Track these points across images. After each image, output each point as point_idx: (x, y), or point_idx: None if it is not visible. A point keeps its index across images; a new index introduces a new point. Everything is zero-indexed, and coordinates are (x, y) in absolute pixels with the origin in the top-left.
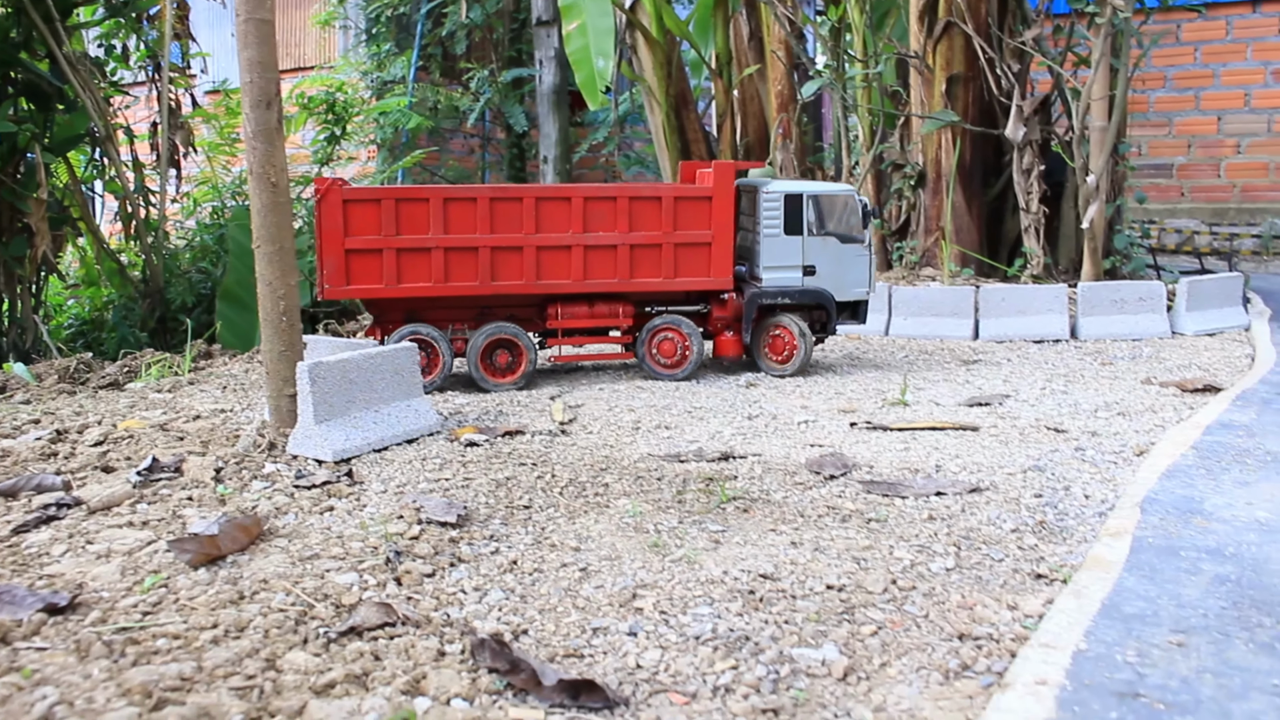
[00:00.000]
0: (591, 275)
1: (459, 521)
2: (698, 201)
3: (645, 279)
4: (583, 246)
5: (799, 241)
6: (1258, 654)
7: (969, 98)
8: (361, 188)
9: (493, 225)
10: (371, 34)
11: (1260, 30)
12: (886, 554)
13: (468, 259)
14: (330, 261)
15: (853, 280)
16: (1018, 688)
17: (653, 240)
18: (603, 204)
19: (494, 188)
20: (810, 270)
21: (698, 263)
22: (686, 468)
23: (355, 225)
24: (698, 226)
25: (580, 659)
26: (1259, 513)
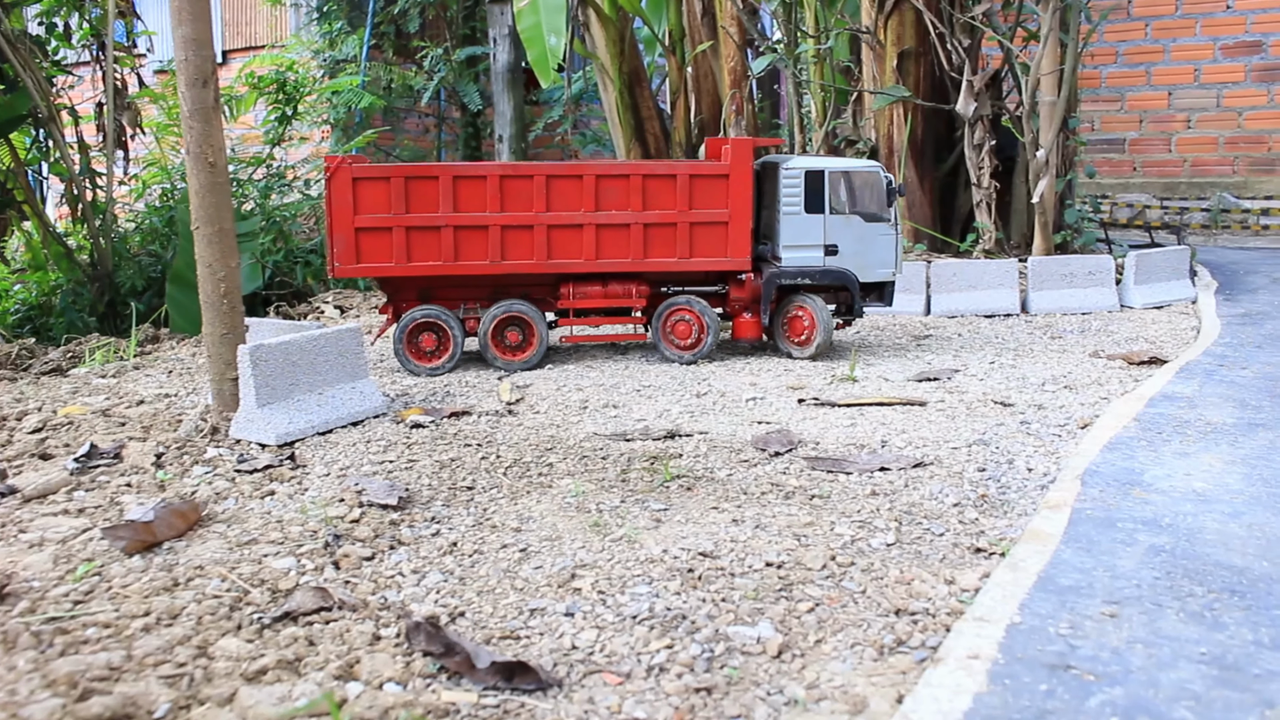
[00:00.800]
0: (604, 255)
1: (400, 504)
2: (714, 179)
3: (659, 259)
4: (595, 225)
5: (820, 220)
6: (1188, 623)
7: (920, 73)
8: (371, 165)
9: (503, 203)
10: (323, 12)
11: (1209, 6)
12: (828, 530)
13: (478, 237)
14: (340, 240)
15: (877, 260)
16: (950, 662)
17: (667, 219)
18: (615, 182)
19: (505, 165)
20: (832, 250)
21: (714, 242)
22: (632, 446)
23: (365, 203)
24: (714, 205)
25: (516, 641)
26: (1196, 483)
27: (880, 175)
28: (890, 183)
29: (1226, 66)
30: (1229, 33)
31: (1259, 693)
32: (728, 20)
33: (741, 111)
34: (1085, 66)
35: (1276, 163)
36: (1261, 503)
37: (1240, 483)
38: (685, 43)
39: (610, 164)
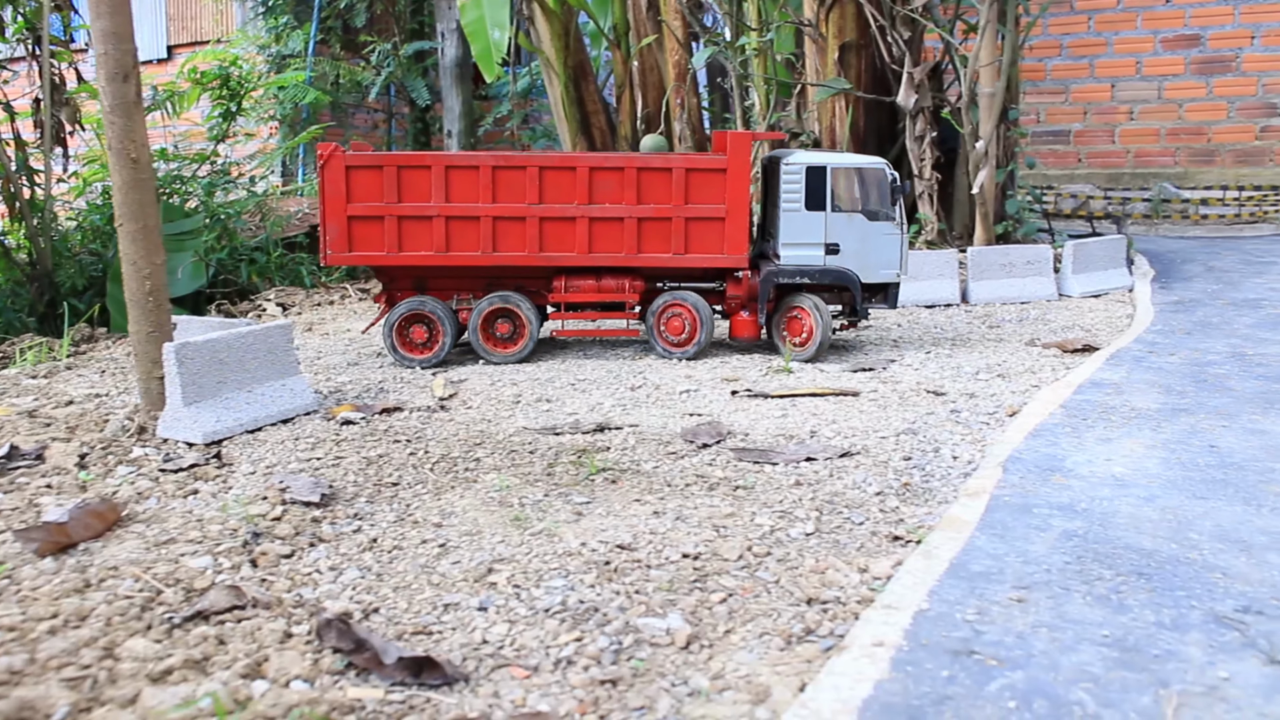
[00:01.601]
0: (597, 248)
1: (323, 501)
2: (710, 174)
3: (653, 254)
4: (588, 218)
5: (821, 217)
6: (1093, 606)
7: (861, 65)
8: (364, 154)
9: (495, 194)
10: (269, 6)
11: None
12: (748, 521)
13: (470, 228)
14: (333, 227)
15: (881, 261)
16: (854, 650)
17: (662, 214)
18: (609, 174)
19: (498, 155)
20: (833, 249)
21: (710, 238)
22: (561, 440)
23: (358, 191)
24: (710, 200)
25: (429, 636)
26: (1116, 468)
27: (886, 172)
28: (896, 180)
29: (1167, 59)
30: (1169, 26)
31: (1155, 673)
32: (671, 14)
33: (685, 105)
34: (1030, 59)
35: (1215, 154)
36: (1177, 486)
37: (1158, 467)
38: (630, 36)
39: (605, 156)
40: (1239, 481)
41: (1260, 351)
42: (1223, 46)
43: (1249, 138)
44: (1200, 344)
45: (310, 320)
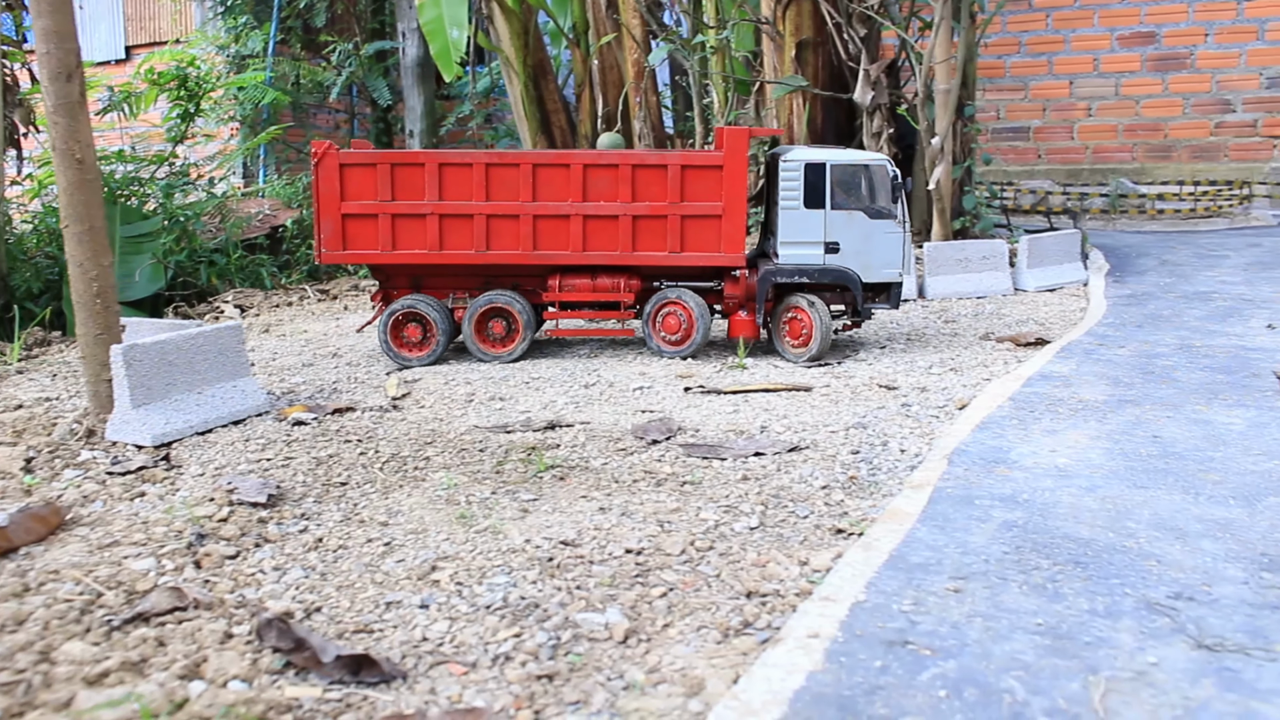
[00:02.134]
0: (592, 247)
1: (270, 501)
2: (707, 170)
3: (649, 252)
4: (582, 216)
5: (820, 215)
6: (1029, 595)
7: (819, 63)
8: (358, 151)
9: (488, 192)
10: (228, 6)
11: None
12: (693, 516)
13: (463, 226)
14: (327, 225)
15: (882, 260)
16: (789, 642)
17: (657, 211)
18: (604, 171)
19: (491, 153)
20: (833, 247)
21: (707, 236)
22: (511, 438)
23: (352, 189)
24: (707, 198)
25: (370, 634)
26: (1060, 459)
27: (887, 168)
28: (897, 177)
29: (1123, 56)
30: (1125, 23)
31: (1086, 660)
32: (629, 13)
33: (645, 104)
34: (989, 57)
35: (1172, 149)
36: (1118, 476)
37: (1101, 457)
38: (590, 35)
39: (599, 153)
40: (1179, 471)
41: (1207, 343)
42: (1177, 44)
43: (1204, 134)
44: (1150, 336)
45: (268, 322)
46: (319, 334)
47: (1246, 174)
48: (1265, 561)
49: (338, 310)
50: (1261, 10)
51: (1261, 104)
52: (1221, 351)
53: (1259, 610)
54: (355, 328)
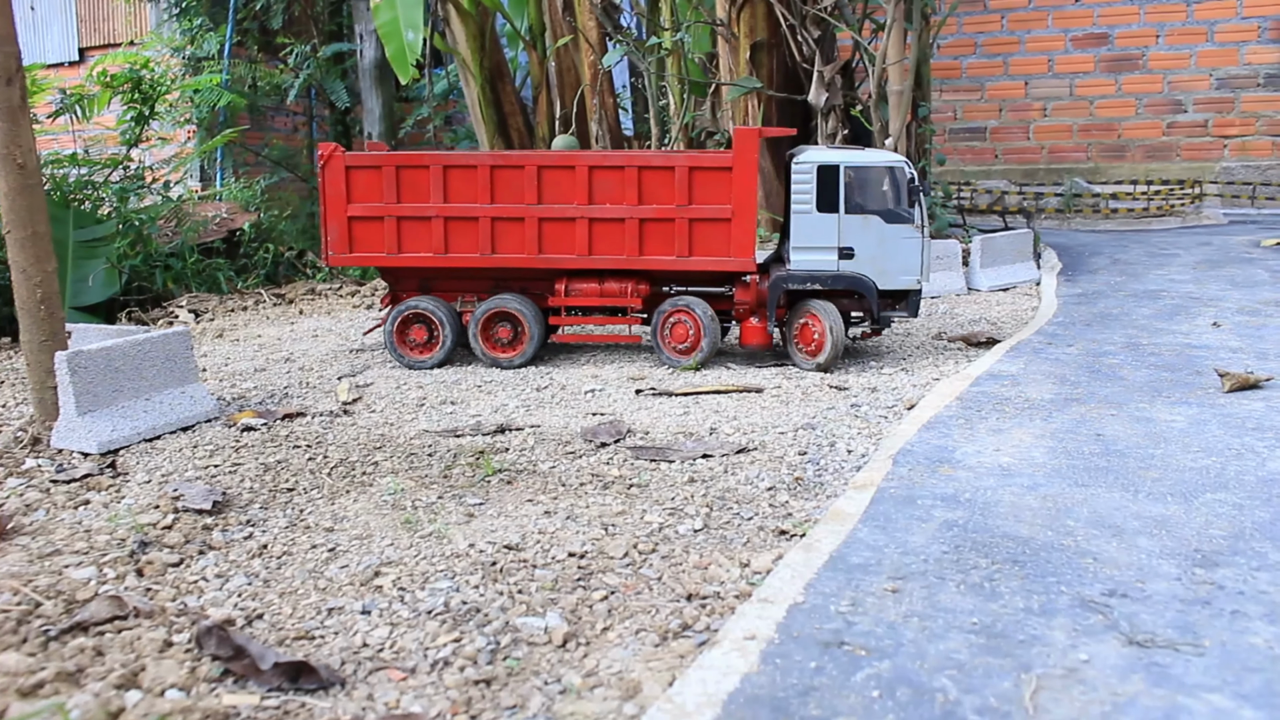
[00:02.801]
0: (598, 250)
1: (215, 508)
2: (715, 172)
3: (656, 256)
4: (588, 219)
5: (834, 219)
6: (966, 595)
7: (773, 64)
8: (363, 153)
9: (493, 194)
10: (183, 8)
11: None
12: (638, 519)
13: (469, 229)
14: (334, 228)
15: (899, 266)
16: (725, 644)
17: (664, 214)
18: (609, 173)
19: (495, 155)
20: (847, 253)
21: (716, 240)
22: (461, 442)
23: (358, 192)
24: (715, 200)
25: (311, 641)
26: (1004, 458)
27: (904, 171)
28: (914, 180)
29: (1077, 57)
30: (1078, 25)
31: (1019, 658)
32: (585, 16)
33: (603, 106)
34: (946, 58)
35: (1126, 149)
36: (1060, 474)
37: (1045, 456)
38: (546, 37)
39: (605, 154)
40: (1119, 468)
41: (1154, 341)
42: (1130, 45)
43: (1157, 133)
44: (1099, 335)
45: (222, 326)
46: (273, 338)
47: (1198, 173)
48: (1198, 557)
49: (293, 315)
50: (1211, 12)
51: (1212, 104)
52: (1167, 349)
53: (1190, 606)
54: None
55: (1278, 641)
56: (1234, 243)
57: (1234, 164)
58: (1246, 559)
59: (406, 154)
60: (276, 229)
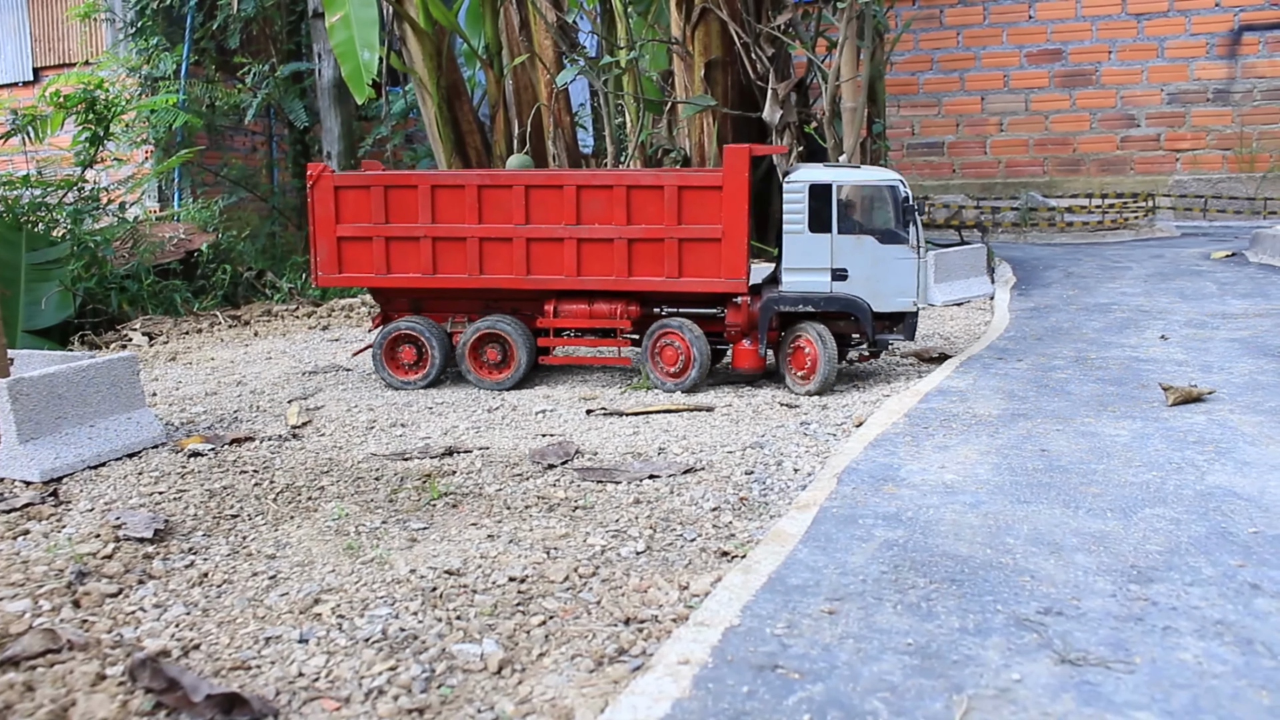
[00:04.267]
0: (586, 271)
1: (157, 536)
2: (705, 191)
3: (645, 277)
4: (575, 239)
5: (827, 239)
6: (903, 615)
7: (728, 82)
8: (352, 173)
9: (481, 214)
10: (138, 28)
11: (1013, 15)
12: (581, 542)
13: (457, 249)
14: (323, 248)
15: (894, 287)
16: (659, 669)
17: (653, 234)
18: (597, 193)
19: (483, 174)
20: (840, 274)
21: (706, 261)
22: (408, 465)
23: (347, 212)
24: (705, 220)
25: (246, 671)
26: (948, 476)
27: (899, 189)
28: (908, 198)
29: (1032, 73)
30: (1032, 41)
31: (952, 679)
32: (541, 34)
33: (560, 124)
34: (903, 73)
35: (1081, 163)
36: (1003, 491)
37: (989, 473)
38: (503, 56)
39: (593, 173)
40: (1061, 484)
41: (1102, 355)
42: (1083, 60)
43: (1111, 147)
44: (1048, 349)
45: (175, 349)
46: (226, 361)
47: (1151, 186)
48: (1134, 574)
49: (248, 337)
50: (1160, 29)
51: (1164, 119)
52: (1115, 363)
53: (1123, 623)
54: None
55: (1207, 657)
56: (1185, 255)
57: (1186, 177)
58: (1181, 574)
59: (395, 173)
60: (235, 249)
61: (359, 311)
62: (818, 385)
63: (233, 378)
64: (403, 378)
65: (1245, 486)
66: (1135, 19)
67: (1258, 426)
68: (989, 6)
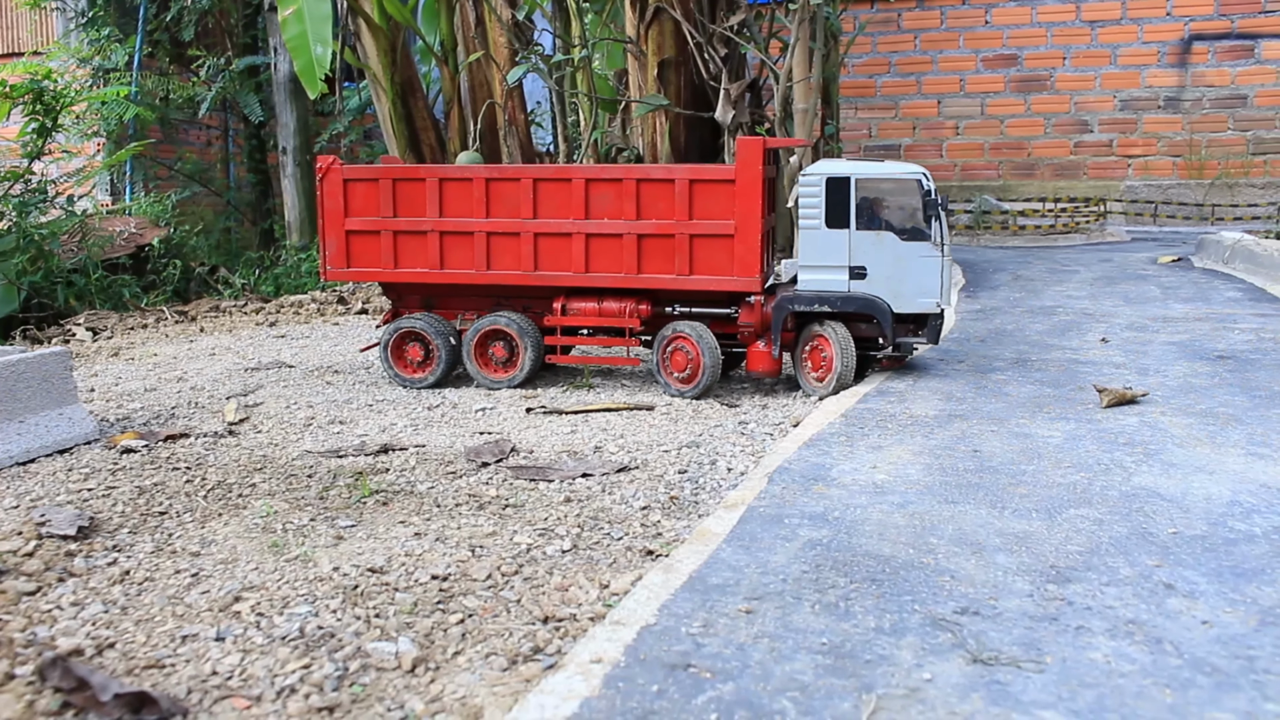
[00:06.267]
0: (595, 267)
1: (81, 533)
2: (717, 185)
3: (656, 274)
4: (584, 234)
5: (844, 236)
6: (820, 615)
7: (681, 82)
8: (361, 166)
9: (488, 208)
10: (89, 18)
11: (969, 20)
12: (507, 540)
13: (464, 244)
14: (332, 242)
15: (916, 287)
16: (570, 667)
17: (664, 230)
18: (606, 186)
19: (492, 167)
20: (859, 272)
21: (718, 258)
22: (342, 463)
23: (355, 205)
24: (717, 215)
25: (161, 670)
26: (879, 475)
27: (921, 183)
28: (931, 193)
29: (988, 77)
30: (988, 46)
31: (863, 678)
32: (496, 32)
33: (514, 121)
34: (861, 76)
35: (1035, 167)
36: (932, 491)
37: (919, 473)
38: (459, 53)
39: (603, 167)
40: (990, 485)
41: (1043, 357)
42: (1038, 66)
43: (1065, 152)
44: (990, 351)
45: (119, 345)
46: (169, 357)
47: (1104, 191)
48: (1053, 574)
49: (193, 333)
50: (1113, 36)
51: (1116, 125)
52: (1055, 366)
53: (1037, 622)
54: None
55: (1116, 657)
56: (1133, 259)
57: (1137, 183)
58: (1098, 574)
59: (404, 167)
60: (188, 244)
61: (308, 308)
62: (833, 385)
63: (174, 374)
64: (411, 375)
65: (1169, 488)
66: (1089, 26)
67: (1187, 428)
68: (946, 11)
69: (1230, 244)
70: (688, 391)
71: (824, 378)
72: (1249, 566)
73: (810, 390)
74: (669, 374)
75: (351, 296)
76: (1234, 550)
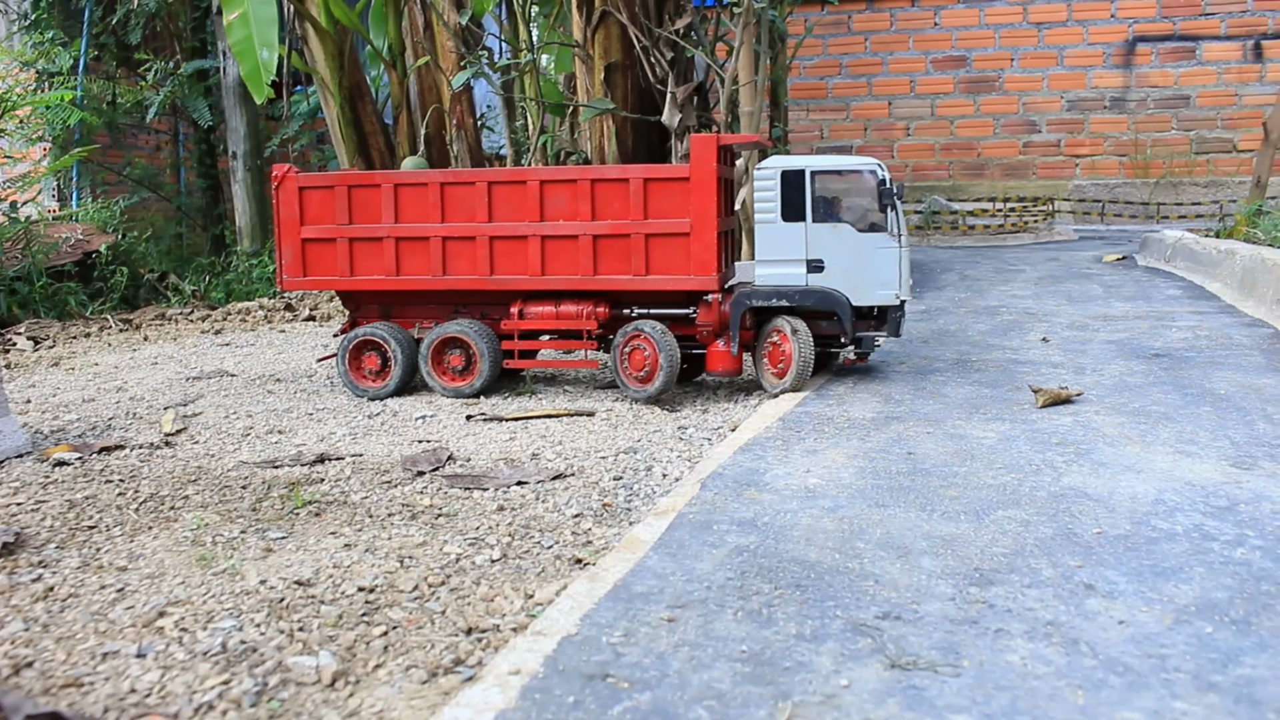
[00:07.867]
0: (551, 270)
1: (5, 549)
2: (672, 184)
3: (612, 275)
4: (540, 237)
5: (800, 229)
6: (742, 622)
7: (628, 85)
8: (316, 173)
9: (444, 213)
10: (32, 21)
11: (919, 23)
12: (437, 550)
13: (420, 249)
14: (288, 251)
15: (875, 279)
16: (488, 680)
17: (620, 230)
18: (561, 188)
19: (447, 172)
20: (816, 265)
21: (674, 257)
22: (278, 473)
23: (311, 213)
24: (672, 214)
25: (79, 688)
26: (811, 480)
27: (876, 175)
28: (886, 183)
29: (938, 79)
30: (938, 47)
31: (781, 685)
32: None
33: (462, 126)
34: (812, 77)
35: (985, 168)
36: (864, 495)
37: (852, 476)
38: (407, 57)
39: (558, 169)
40: (921, 487)
41: (983, 358)
42: (987, 67)
43: (1014, 152)
44: (931, 352)
45: (60, 354)
46: (110, 367)
47: (1052, 190)
48: (976, 576)
49: (137, 341)
50: (1060, 38)
51: (1063, 125)
52: (994, 366)
53: (958, 626)
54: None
55: (1032, 659)
56: (1079, 258)
57: (1085, 182)
58: (1021, 576)
59: (359, 173)
60: (137, 251)
61: (255, 315)
62: (792, 381)
63: (113, 384)
64: (368, 385)
65: (1097, 487)
66: (1036, 28)
67: (1119, 427)
68: (896, 13)
69: (1172, 242)
70: (646, 390)
71: (783, 374)
72: (1168, 565)
73: (771, 387)
74: (627, 374)
75: (299, 304)
76: (1155, 549)
